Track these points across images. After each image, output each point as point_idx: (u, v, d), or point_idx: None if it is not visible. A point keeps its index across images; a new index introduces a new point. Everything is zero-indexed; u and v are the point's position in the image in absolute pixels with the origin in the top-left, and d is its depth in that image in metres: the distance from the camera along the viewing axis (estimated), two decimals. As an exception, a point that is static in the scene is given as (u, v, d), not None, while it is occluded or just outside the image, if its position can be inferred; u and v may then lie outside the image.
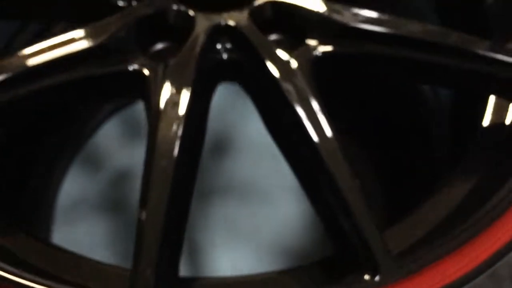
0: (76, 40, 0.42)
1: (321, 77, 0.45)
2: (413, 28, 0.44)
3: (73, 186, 0.86)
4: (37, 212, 0.82)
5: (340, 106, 0.67)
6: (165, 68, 0.43)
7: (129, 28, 0.44)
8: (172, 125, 0.41)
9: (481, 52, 0.43)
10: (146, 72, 0.43)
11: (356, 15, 0.45)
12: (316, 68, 0.44)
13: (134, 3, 0.47)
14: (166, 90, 0.42)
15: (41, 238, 0.48)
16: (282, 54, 0.44)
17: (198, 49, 0.43)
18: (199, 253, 0.83)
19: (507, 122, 0.48)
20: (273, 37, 0.48)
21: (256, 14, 0.46)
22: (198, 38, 0.44)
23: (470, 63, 0.43)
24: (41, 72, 0.40)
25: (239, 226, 0.84)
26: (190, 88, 0.42)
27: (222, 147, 0.88)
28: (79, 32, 0.42)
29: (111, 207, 0.86)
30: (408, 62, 0.44)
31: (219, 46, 0.45)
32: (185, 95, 0.42)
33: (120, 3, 0.47)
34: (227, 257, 0.82)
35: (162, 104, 0.41)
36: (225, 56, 0.46)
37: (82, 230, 0.84)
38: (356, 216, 0.38)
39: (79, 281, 0.42)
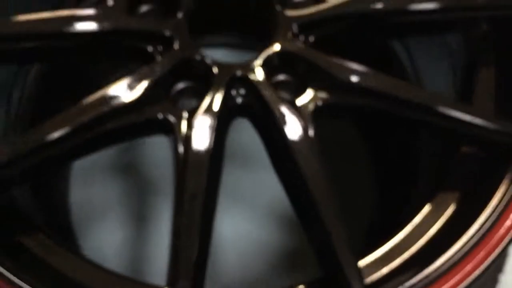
0: (113, 97, 0.51)
1: (319, 119, 0.54)
2: (391, 85, 0.53)
3: None
4: (54, 175, 0.92)
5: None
6: (191, 117, 0.53)
7: (159, 82, 0.53)
8: (199, 167, 0.51)
9: (442, 109, 0.52)
10: (173, 120, 0.52)
11: (351, 71, 0.54)
12: (314, 114, 0.54)
13: (159, 48, 0.56)
14: (193, 137, 0.52)
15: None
16: (285, 104, 0.54)
17: (218, 100, 0.53)
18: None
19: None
20: (281, 77, 0.57)
21: (267, 63, 0.55)
22: (218, 90, 0.53)
23: (434, 119, 0.53)
24: (87, 127, 0.50)
25: (239, 192, 0.94)
26: (213, 134, 0.52)
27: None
28: (116, 89, 0.52)
29: (122, 170, 0.96)
30: (389, 114, 0.54)
31: (234, 93, 0.55)
32: (210, 140, 0.52)
33: (149, 49, 0.55)
34: (228, 222, 0.93)
35: (189, 148, 0.51)
36: (239, 100, 0.55)
37: (96, 191, 0.94)
38: (335, 247, 0.49)
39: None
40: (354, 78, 0.53)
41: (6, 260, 0.50)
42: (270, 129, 0.55)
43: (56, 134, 0.50)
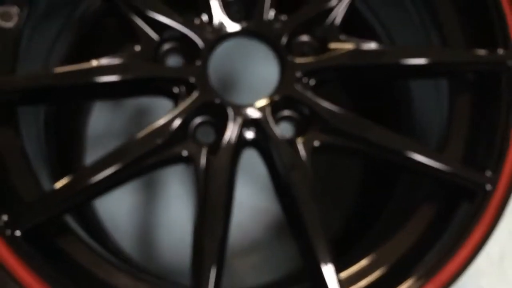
0: (146, 141, 0.64)
1: (314, 156, 0.67)
2: (374, 132, 0.65)
3: (99, 119, 1.04)
4: (71, 142, 1.03)
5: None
6: (210, 151, 0.65)
7: (184, 123, 0.65)
8: (219, 192, 0.65)
9: (411, 155, 0.64)
10: (195, 156, 0.65)
11: (342, 118, 0.65)
12: (311, 152, 0.66)
13: (183, 88, 0.67)
14: (212, 169, 0.65)
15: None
16: (287, 143, 0.66)
17: (233, 137, 0.66)
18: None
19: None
20: (286, 113, 0.68)
21: (274, 105, 0.67)
22: (233, 128, 0.66)
23: (405, 162, 0.65)
24: (129, 165, 0.63)
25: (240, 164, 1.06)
26: (228, 165, 0.65)
27: (226, 89, 1.06)
28: (150, 132, 0.64)
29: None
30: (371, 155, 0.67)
31: (245, 130, 0.67)
32: (226, 170, 0.65)
33: (175, 90, 0.66)
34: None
35: (209, 178, 0.65)
36: (250, 136, 0.68)
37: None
38: (320, 264, 0.61)
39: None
40: (343, 125, 0.66)
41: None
42: (273, 161, 0.67)
43: (106, 173, 0.63)
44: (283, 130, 0.67)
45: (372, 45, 0.68)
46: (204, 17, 0.69)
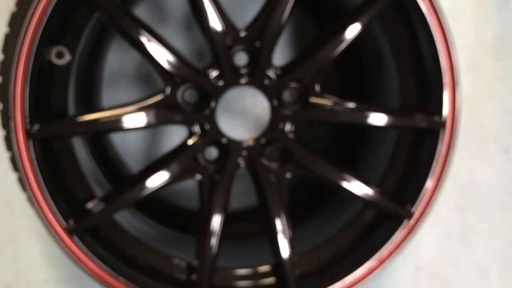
0: (173, 169, 0.93)
1: (289, 183, 0.97)
2: (325, 170, 0.94)
3: (114, 61, 1.26)
4: (91, 82, 1.25)
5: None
6: (215, 174, 0.95)
7: (197, 157, 0.94)
8: (221, 202, 0.95)
9: (347, 187, 0.93)
10: (205, 177, 0.95)
11: (309, 159, 0.94)
12: (286, 180, 0.96)
13: (197, 127, 0.94)
14: (215, 185, 0.95)
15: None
16: (269, 172, 0.96)
17: (232, 165, 0.95)
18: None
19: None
20: (271, 148, 0.97)
21: (262, 145, 0.96)
22: (232, 159, 0.95)
23: (344, 192, 0.94)
24: (162, 186, 0.93)
25: (231, 105, 1.29)
26: (228, 182, 0.95)
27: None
28: (167, 171, 0.93)
29: (143, 78, 1.27)
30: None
31: (240, 161, 0.96)
32: (226, 185, 0.95)
33: (192, 129, 0.94)
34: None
35: (214, 191, 0.95)
36: (243, 164, 0.97)
37: (122, 95, 1.25)
38: (278, 246, 0.93)
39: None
40: (308, 164, 0.95)
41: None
42: (259, 181, 0.97)
43: (147, 191, 0.93)
44: (267, 160, 0.97)
45: (350, 105, 0.93)
46: (215, 71, 0.94)
